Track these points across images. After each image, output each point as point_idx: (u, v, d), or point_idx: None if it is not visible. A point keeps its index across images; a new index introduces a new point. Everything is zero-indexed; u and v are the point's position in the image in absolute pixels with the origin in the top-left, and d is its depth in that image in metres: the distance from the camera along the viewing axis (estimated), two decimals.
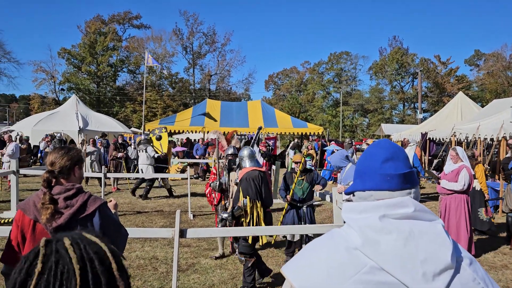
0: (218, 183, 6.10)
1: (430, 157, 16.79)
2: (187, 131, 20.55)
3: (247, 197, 4.90)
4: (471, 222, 6.43)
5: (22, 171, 9.37)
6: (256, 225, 4.86)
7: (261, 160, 10.70)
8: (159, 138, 13.38)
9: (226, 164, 6.21)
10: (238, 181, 5.32)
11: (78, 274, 0.84)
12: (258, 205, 4.93)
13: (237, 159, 5.68)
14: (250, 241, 4.92)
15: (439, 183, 6.62)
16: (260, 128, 9.87)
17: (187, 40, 58.19)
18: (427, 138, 16.11)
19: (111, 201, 3.05)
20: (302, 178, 6.27)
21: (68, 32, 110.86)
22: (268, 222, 5.09)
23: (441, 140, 15.09)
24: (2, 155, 12.57)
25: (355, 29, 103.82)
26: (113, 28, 54.74)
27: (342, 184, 6.45)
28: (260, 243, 5.09)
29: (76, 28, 67.78)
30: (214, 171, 6.39)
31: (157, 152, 11.95)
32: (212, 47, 59.58)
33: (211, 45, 59.42)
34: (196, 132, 20.73)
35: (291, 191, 6.22)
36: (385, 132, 30.37)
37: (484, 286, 1.11)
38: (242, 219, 5.02)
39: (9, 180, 11.41)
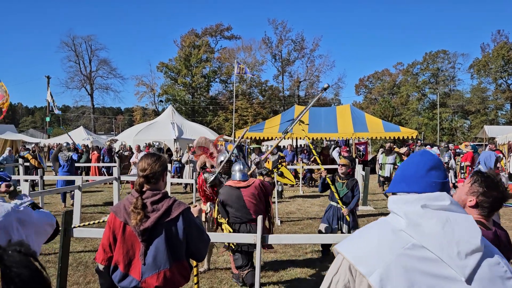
0: (214, 176, 5.75)
1: None
2: (276, 137, 20.72)
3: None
4: None
5: (123, 177, 10.13)
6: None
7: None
8: (281, 174, 14.06)
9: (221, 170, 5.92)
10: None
11: None
12: (223, 221, 5.11)
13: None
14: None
15: None
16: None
17: (276, 48, 58.96)
18: None
19: (196, 206, 3.16)
20: (344, 181, 6.70)
21: (165, 47, 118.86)
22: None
23: None
24: (134, 164, 13.64)
25: (452, 25, 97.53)
26: (206, 41, 57.34)
27: None
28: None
29: (173, 43, 72.22)
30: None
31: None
32: (300, 54, 59.69)
33: (300, 51, 59.52)
34: (285, 138, 20.80)
35: (333, 188, 6.65)
36: (488, 134, 27.80)
37: (508, 270, 1.32)
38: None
39: None
